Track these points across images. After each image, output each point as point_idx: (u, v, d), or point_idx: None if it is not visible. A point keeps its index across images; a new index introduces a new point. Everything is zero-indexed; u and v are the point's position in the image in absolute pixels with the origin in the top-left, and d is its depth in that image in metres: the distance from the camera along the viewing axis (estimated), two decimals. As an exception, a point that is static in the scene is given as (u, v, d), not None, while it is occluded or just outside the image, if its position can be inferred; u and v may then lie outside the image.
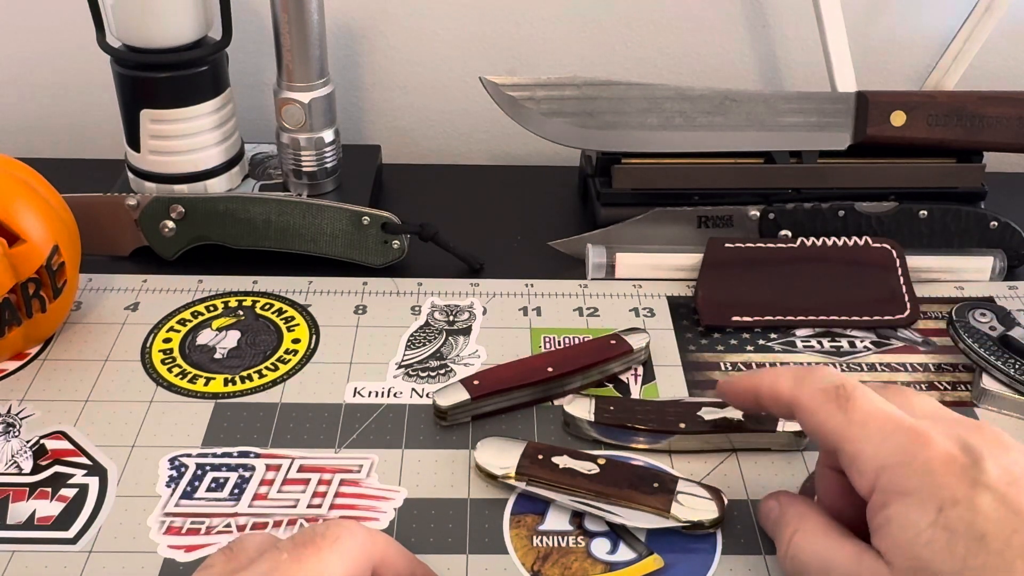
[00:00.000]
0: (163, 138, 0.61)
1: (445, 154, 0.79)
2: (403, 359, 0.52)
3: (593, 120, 0.61)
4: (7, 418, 0.48)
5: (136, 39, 0.59)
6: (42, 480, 0.44)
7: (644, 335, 0.52)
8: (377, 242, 0.59)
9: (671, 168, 0.63)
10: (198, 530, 0.42)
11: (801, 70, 0.76)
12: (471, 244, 0.61)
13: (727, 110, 0.61)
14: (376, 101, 0.77)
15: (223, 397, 0.50)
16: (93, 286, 0.58)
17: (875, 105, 0.61)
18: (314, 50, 0.61)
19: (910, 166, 0.63)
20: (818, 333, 0.55)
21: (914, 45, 0.76)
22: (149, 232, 0.59)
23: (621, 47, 0.75)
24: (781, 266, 0.57)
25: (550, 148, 0.65)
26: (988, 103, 0.61)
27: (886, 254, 0.58)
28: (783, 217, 0.61)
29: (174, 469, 0.45)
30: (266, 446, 0.47)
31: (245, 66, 0.74)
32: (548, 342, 0.54)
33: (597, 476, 0.43)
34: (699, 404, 0.47)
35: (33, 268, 0.49)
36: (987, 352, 0.51)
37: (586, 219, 0.66)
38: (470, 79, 0.75)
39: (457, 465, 0.46)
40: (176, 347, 0.53)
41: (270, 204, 0.59)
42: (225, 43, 0.61)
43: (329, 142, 0.64)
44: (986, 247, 0.61)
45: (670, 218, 0.61)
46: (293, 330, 0.54)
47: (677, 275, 0.59)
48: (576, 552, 0.42)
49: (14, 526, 0.42)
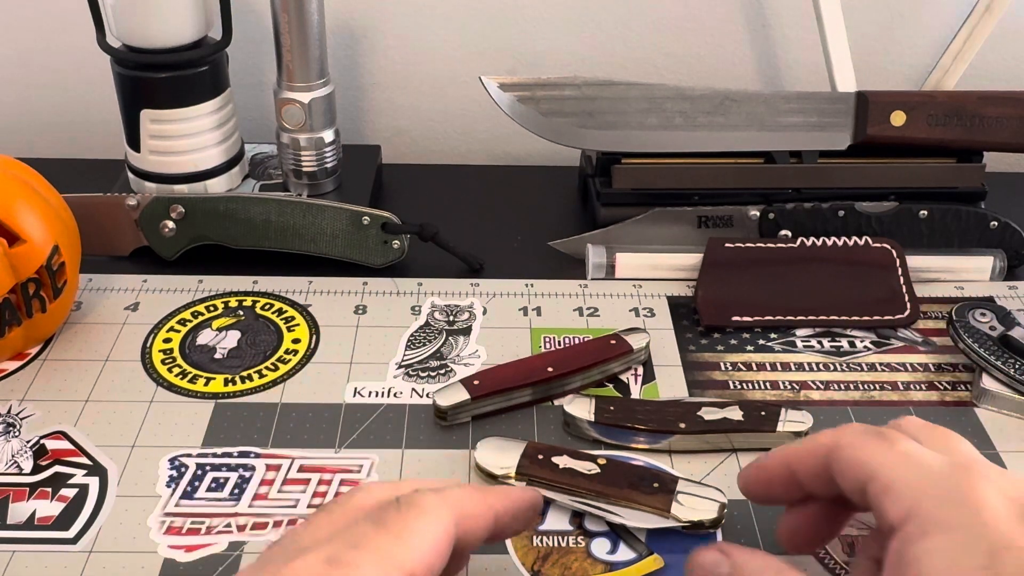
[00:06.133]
0: (163, 138, 0.61)
1: (445, 154, 0.79)
2: (403, 359, 0.52)
3: (593, 120, 0.61)
4: (7, 418, 0.48)
5: (136, 39, 0.59)
6: (42, 480, 0.44)
7: (644, 335, 0.52)
8: (377, 242, 0.59)
9: (671, 168, 0.63)
10: (198, 530, 0.42)
11: (801, 70, 0.76)
12: (471, 244, 0.61)
13: (727, 110, 0.61)
14: (376, 101, 0.77)
15: (223, 397, 0.50)
16: (93, 286, 0.58)
17: (875, 105, 0.61)
18: (314, 50, 0.61)
19: (910, 166, 0.63)
20: (818, 333, 0.55)
21: (914, 45, 0.76)
22: (149, 232, 0.59)
23: (621, 47, 0.75)
24: (781, 266, 0.57)
25: (550, 148, 0.65)
26: (988, 103, 0.61)
27: (886, 254, 0.58)
28: (783, 217, 0.61)
29: (174, 469, 0.45)
30: (266, 446, 0.47)
31: (245, 66, 0.74)
32: (548, 342, 0.54)
33: (597, 476, 0.43)
34: (699, 404, 0.47)
35: (33, 268, 0.49)
36: (987, 352, 0.51)
37: (586, 219, 0.66)
38: (470, 79, 0.75)
39: (457, 465, 0.46)
40: (176, 347, 0.53)
41: (270, 204, 0.59)
42: (225, 43, 0.61)
43: (329, 142, 0.64)
44: (986, 247, 0.61)
45: (670, 218, 0.61)
46: (293, 330, 0.54)
47: (677, 275, 0.59)
48: (576, 552, 0.42)
49: (14, 526, 0.42)
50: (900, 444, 0.34)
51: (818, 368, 0.53)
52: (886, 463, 0.34)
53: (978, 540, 0.30)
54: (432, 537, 0.31)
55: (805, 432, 0.46)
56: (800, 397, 0.51)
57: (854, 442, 0.35)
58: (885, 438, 0.35)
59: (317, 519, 0.33)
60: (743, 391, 0.51)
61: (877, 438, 0.35)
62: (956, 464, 0.33)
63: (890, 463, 0.34)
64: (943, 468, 0.33)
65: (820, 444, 0.36)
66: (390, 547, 0.30)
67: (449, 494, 0.33)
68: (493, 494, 0.35)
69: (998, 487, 0.32)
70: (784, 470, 0.38)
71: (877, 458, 0.34)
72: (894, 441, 0.34)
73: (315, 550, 0.30)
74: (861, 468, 0.34)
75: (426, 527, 0.31)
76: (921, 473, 0.33)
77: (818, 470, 0.36)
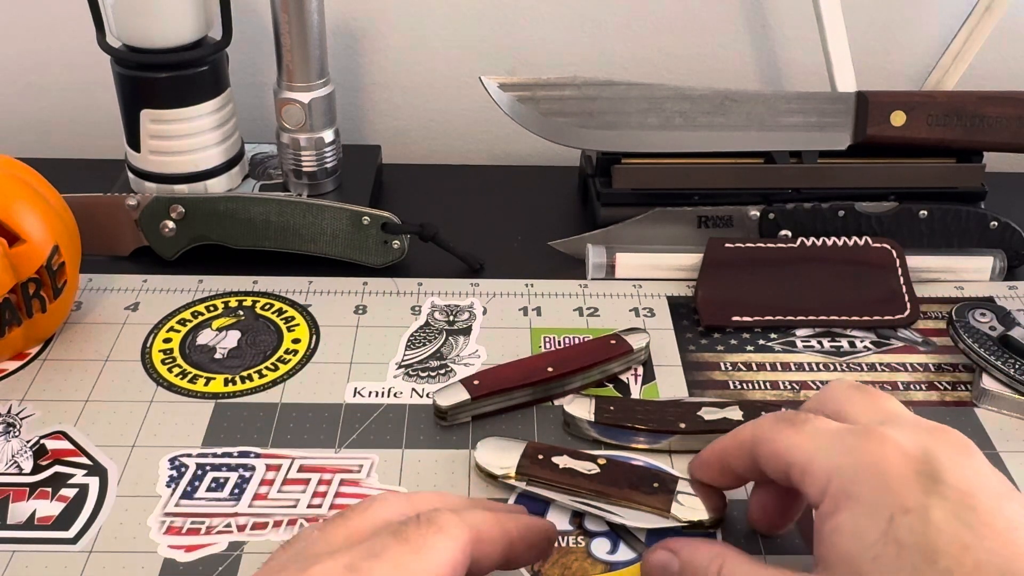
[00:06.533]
0: (163, 138, 0.61)
1: (445, 154, 0.79)
2: (403, 359, 0.52)
3: (593, 120, 0.61)
4: (7, 418, 0.48)
5: (136, 39, 0.59)
6: (42, 480, 0.44)
7: (644, 335, 0.52)
8: (377, 242, 0.59)
9: (671, 168, 0.63)
10: (198, 530, 0.42)
11: (801, 70, 0.76)
12: (471, 244, 0.61)
13: (727, 110, 0.61)
14: (376, 101, 0.77)
15: (223, 397, 0.50)
16: (93, 286, 0.58)
17: (875, 105, 0.61)
18: (314, 50, 0.61)
19: (910, 166, 0.63)
20: (818, 333, 0.55)
21: (914, 45, 0.76)
22: (149, 232, 0.59)
23: (621, 47, 0.75)
24: (781, 266, 0.57)
25: (550, 148, 0.65)
26: (988, 103, 0.61)
27: (886, 254, 0.58)
28: (783, 217, 0.61)
29: (174, 469, 0.45)
30: (266, 446, 0.47)
31: (245, 66, 0.74)
32: (548, 342, 0.54)
33: (597, 476, 0.43)
34: (699, 404, 0.47)
35: (33, 268, 0.49)
36: (987, 352, 0.51)
37: (586, 219, 0.66)
38: (470, 79, 0.75)
39: (457, 465, 0.46)
40: (176, 347, 0.53)
41: (270, 204, 0.59)
42: (225, 43, 0.61)
43: (329, 142, 0.64)
44: (986, 247, 0.61)
45: (670, 218, 0.61)
46: (293, 330, 0.54)
47: (677, 275, 0.59)
48: (576, 552, 0.42)
49: (14, 526, 0.42)
50: (807, 425, 0.35)
51: (818, 368, 0.53)
52: (797, 448, 0.34)
53: (878, 507, 0.31)
54: (448, 556, 0.31)
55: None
56: (800, 397, 0.51)
57: (767, 434, 0.36)
58: (793, 423, 0.35)
59: (333, 527, 0.33)
60: (743, 391, 0.51)
61: (786, 424, 0.36)
62: (860, 431, 0.33)
63: (800, 447, 0.34)
64: (848, 439, 0.33)
65: (743, 439, 0.37)
66: (408, 561, 0.30)
67: (467, 516, 0.33)
68: (511, 521, 0.35)
69: (896, 445, 0.32)
70: (720, 463, 0.39)
71: (789, 445, 0.35)
72: (802, 424, 0.35)
73: (334, 557, 0.30)
74: (779, 458, 0.35)
75: (443, 545, 0.31)
76: (830, 450, 0.33)
77: (749, 463, 0.37)
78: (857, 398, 0.37)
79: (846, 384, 0.38)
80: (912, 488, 0.31)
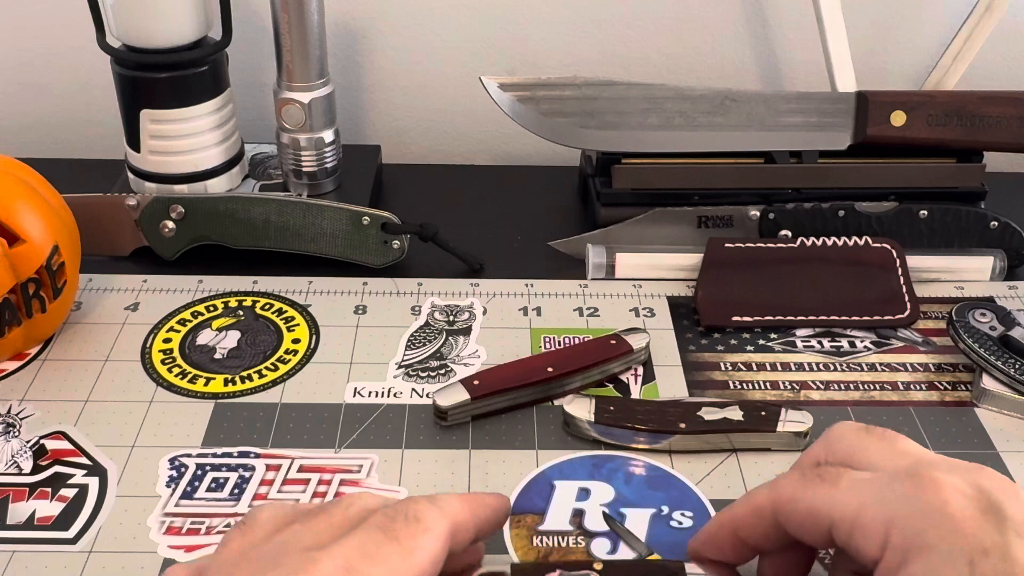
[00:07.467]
0: (163, 138, 0.61)
1: (445, 154, 0.79)
2: (403, 359, 0.52)
3: (593, 120, 0.61)
4: (7, 418, 0.48)
5: (136, 39, 0.59)
6: (42, 480, 0.44)
7: (644, 335, 0.52)
8: (377, 242, 0.59)
9: (671, 168, 0.63)
10: (198, 530, 0.42)
11: (801, 70, 0.76)
12: (471, 244, 0.61)
13: (727, 110, 0.61)
14: (376, 101, 0.77)
15: (223, 397, 0.50)
16: (93, 286, 0.58)
17: (875, 105, 0.61)
18: (314, 50, 0.61)
19: (910, 166, 0.63)
20: (818, 333, 0.55)
21: (914, 45, 0.76)
22: (149, 232, 0.59)
23: (621, 47, 0.75)
24: (781, 266, 0.57)
25: (550, 148, 0.65)
26: (988, 103, 0.61)
27: (886, 254, 0.58)
28: (783, 217, 0.61)
29: (174, 469, 0.45)
30: (266, 446, 0.47)
31: (245, 66, 0.74)
32: (548, 342, 0.54)
33: None
34: (699, 404, 0.47)
35: (33, 268, 0.49)
36: (987, 352, 0.51)
37: (586, 219, 0.66)
38: (470, 79, 0.75)
39: (457, 465, 0.46)
40: (176, 347, 0.53)
41: (270, 204, 0.59)
42: (225, 43, 0.61)
43: (329, 142, 0.64)
44: (986, 247, 0.61)
45: (670, 218, 0.61)
46: (293, 330, 0.54)
47: (677, 275, 0.59)
48: (576, 552, 0.41)
49: (14, 526, 0.42)
50: (843, 479, 0.33)
51: (818, 368, 0.53)
52: (841, 504, 0.32)
53: (954, 553, 0.29)
54: (433, 553, 0.32)
55: (805, 432, 0.46)
56: (800, 397, 0.51)
57: (794, 494, 0.34)
58: (824, 479, 0.33)
59: (315, 519, 0.33)
60: (743, 391, 0.51)
61: (817, 481, 0.33)
62: (906, 477, 0.32)
63: (844, 502, 0.32)
64: (895, 486, 0.32)
65: (760, 506, 0.35)
66: (400, 563, 0.31)
67: (445, 507, 0.34)
68: (477, 504, 0.36)
69: (953, 485, 0.31)
70: (732, 537, 0.36)
71: (830, 502, 0.33)
72: (836, 478, 0.33)
73: (329, 553, 0.31)
74: (817, 519, 0.33)
75: (430, 544, 0.32)
76: (880, 501, 0.32)
77: (767, 531, 0.35)
78: (870, 443, 0.35)
79: (850, 428, 0.36)
80: (984, 528, 0.30)
